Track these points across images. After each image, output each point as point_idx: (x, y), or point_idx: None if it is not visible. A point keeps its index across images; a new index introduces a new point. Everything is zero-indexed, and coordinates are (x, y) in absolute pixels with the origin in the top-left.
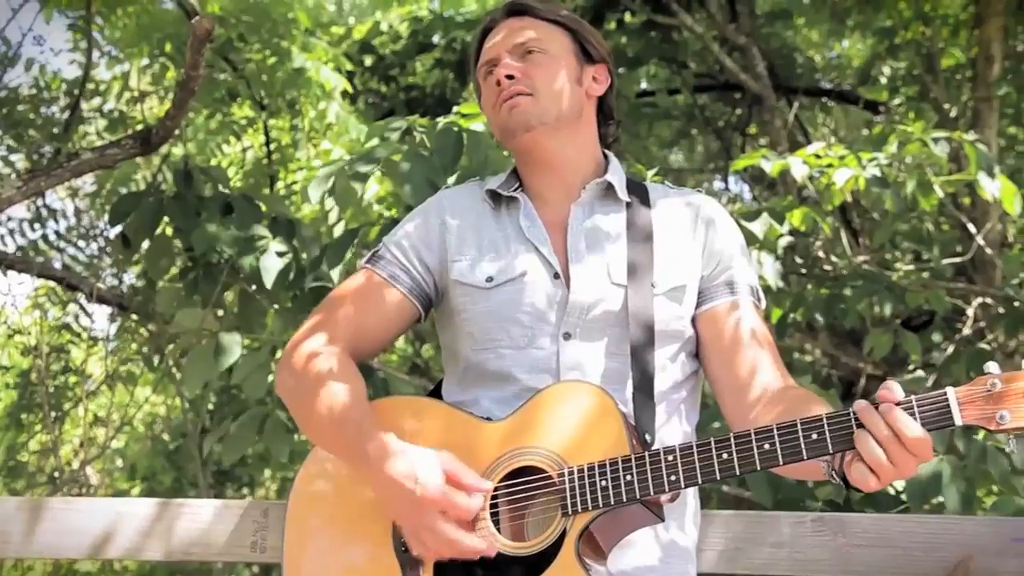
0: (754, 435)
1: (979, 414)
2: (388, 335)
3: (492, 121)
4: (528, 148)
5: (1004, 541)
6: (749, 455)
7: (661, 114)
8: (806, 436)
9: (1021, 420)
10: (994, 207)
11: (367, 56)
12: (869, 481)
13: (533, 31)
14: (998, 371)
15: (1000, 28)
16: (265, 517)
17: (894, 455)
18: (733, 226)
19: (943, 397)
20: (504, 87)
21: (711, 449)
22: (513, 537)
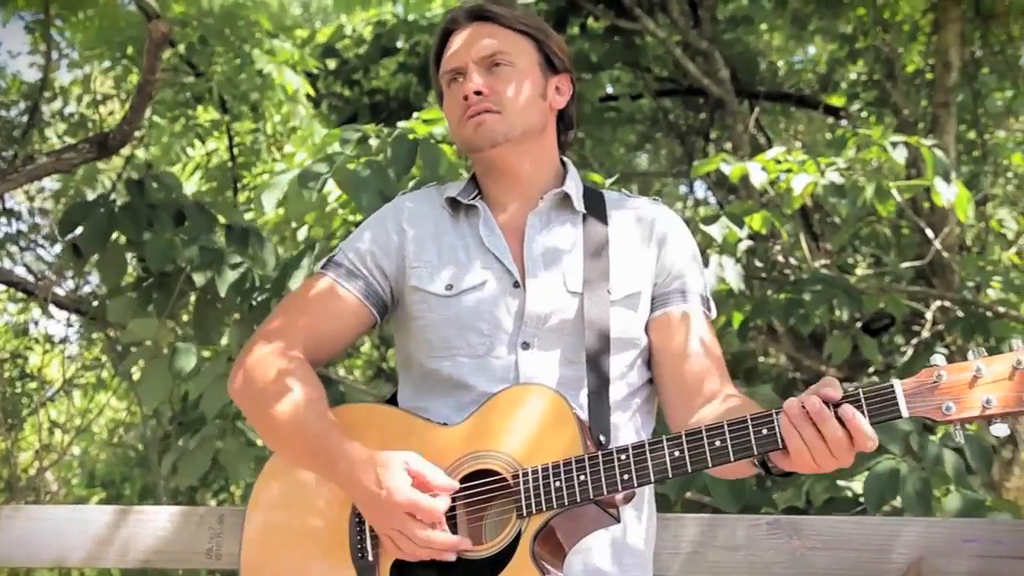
0: (705, 432)
1: (925, 405)
2: (344, 340)
3: (456, 133)
4: (491, 161)
5: (956, 542)
6: (701, 452)
7: (625, 119)
8: (756, 432)
9: (966, 410)
10: (952, 212)
11: (330, 60)
12: (808, 465)
13: (499, 41)
14: (944, 363)
15: (958, 35)
16: (220, 524)
17: (837, 449)
18: (687, 235)
19: (890, 390)
20: (471, 103)
21: (663, 447)
22: (471, 540)
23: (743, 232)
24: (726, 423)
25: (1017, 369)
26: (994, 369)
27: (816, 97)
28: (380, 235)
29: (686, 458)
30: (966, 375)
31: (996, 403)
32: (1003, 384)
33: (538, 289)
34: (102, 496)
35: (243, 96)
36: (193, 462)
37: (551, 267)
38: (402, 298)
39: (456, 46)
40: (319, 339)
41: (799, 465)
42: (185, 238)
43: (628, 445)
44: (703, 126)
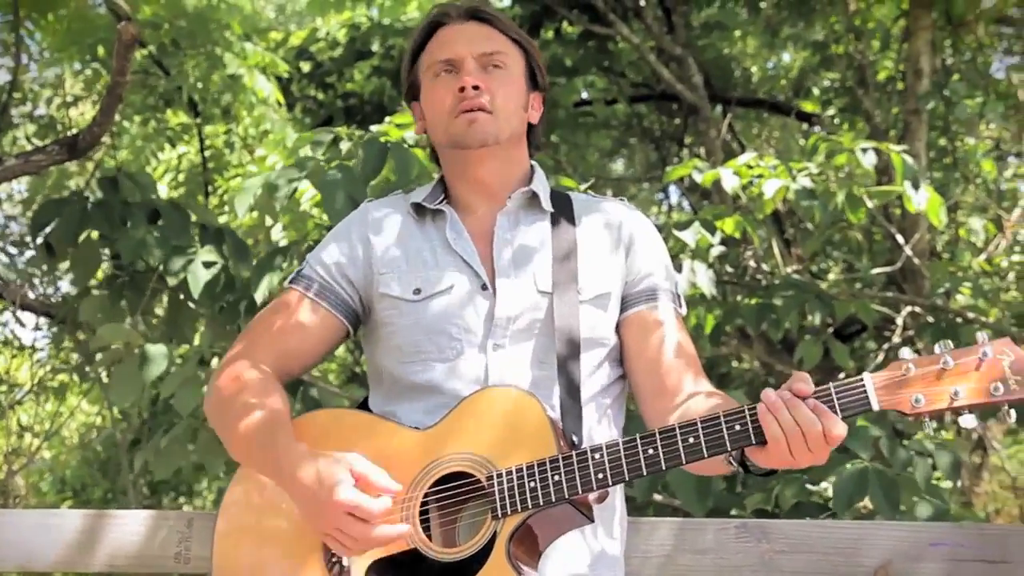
0: (679, 430)
1: (895, 398)
2: (316, 354)
3: (442, 125)
4: (471, 160)
5: (923, 546)
6: (674, 449)
7: (599, 124)
8: (729, 428)
9: (935, 403)
10: (923, 218)
11: (304, 63)
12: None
13: (496, 42)
14: (912, 357)
15: (928, 42)
16: (189, 528)
17: (813, 442)
18: (654, 234)
19: (860, 384)
20: (468, 96)
21: (637, 446)
22: (445, 543)
23: (715, 237)
24: (699, 420)
25: (983, 361)
26: (961, 362)
27: (789, 103)
28: (346, 245)
29: (660, 456)
30: (934, 368)
31: (963, 395)
32: (970, 376)
33: (508, 290)
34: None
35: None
36: (168, 456)
37: (520, 267)
38: (371, 306)
39: (452, 38)
40: (289, 355)
41: (776, 458)
42: (159, 236)
43: (602, 444)
44: (677, 132)
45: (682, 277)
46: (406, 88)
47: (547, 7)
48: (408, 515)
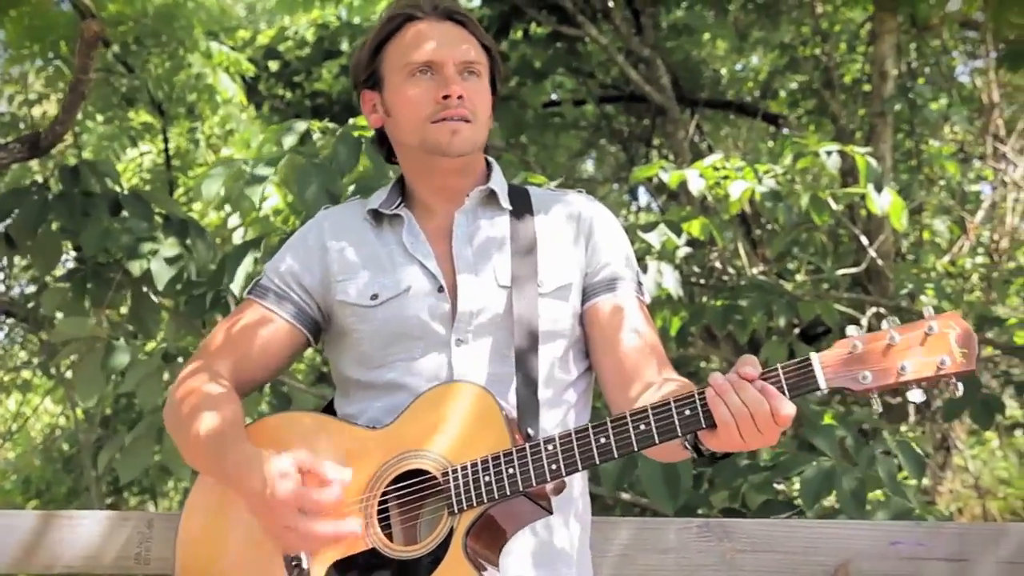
0: (630, 417)
1: (843, 376)
2: (275, 364)
3: (417, 128)
4: (443, 166)
5: (882, 545)
6: (626, 437)
7: (568, 124)
8: (679, 413)
9: (882, 379)
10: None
11: (272, 61)
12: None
13: (474, 50)
14: (859, 334)
15: (894, 46)
16: (150, 528)
17: (762, 422)
18: (614, 223)
19: (807, 362)
20: (453, 105)
21: (589, 435)
22: (406, 541)
23: (681, 239)
24: (650, 406)
25: (929, 335)
26: (907, 337)
27: (756, 105)
28: (302, 254)
29: (612, 444)
30: (880, 344)
31: (910, 369)
32: (916, 351)
33: (468, 285)
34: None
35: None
36: (133, 456)
37: (480, 263)
38: (331, 314)
39: (430, 38)
40: (247, 366)
41: (727, 441)
42: (121, 227)
43: (555, 435)
44: (645, 133)
45: (648, 278)
46: (364, 76)
47: (516, 8)
48: (366, 514)
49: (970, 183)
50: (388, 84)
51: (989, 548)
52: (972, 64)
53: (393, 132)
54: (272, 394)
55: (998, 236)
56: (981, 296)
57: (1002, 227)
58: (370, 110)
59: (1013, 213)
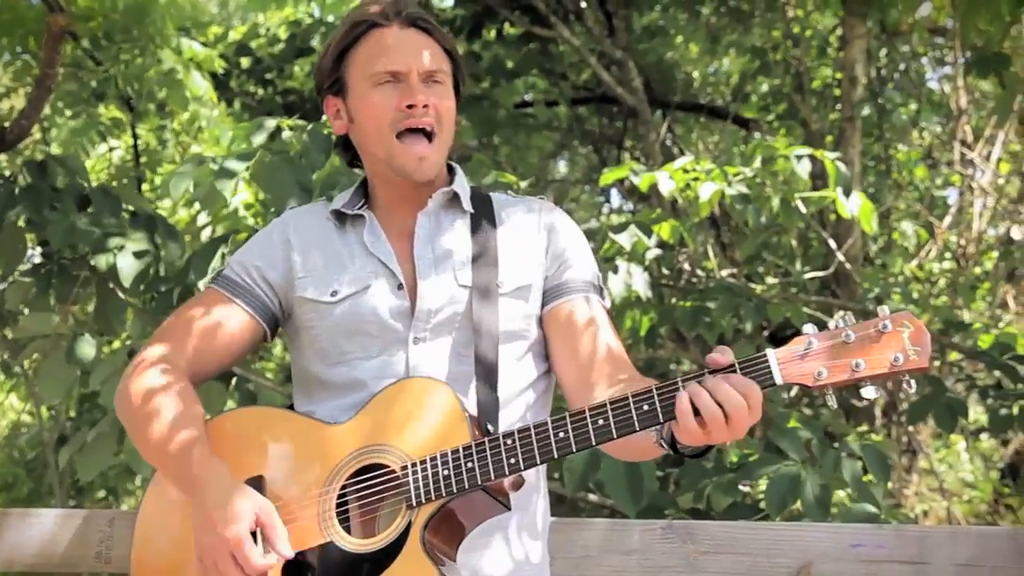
0: (588, 412)
1: (798, 372)
2: (232, 354)
3: (383, 139)
4: (406, 182)
5: (844, 547)
6: (584, 431)
7: (541, 125)
8: (638, 408)
9: (836, 375)
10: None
11: (244, 58)
12: (693, 428)
13: (438, 58)
14: (815, 331)
15: (863, 51)
16: (111, 527)
17: (732, 410)
18: (573, 227)
19: (763, 358)
20: (417, 115)
21: (548, 429)
22: (365, 535)
23: (651, 241)
24: (608, 401)
25: (883, 333)
26: (862, 334)
27: (728, 108)
28: (267, 249)
29: (571, 438)
30: (835, 341)
31: (864, 366)
32: (870, 348)
33: (428, 284)
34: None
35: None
36: (93, 455)
37: (441, 263)
38: (291, 310)
39: (395, 47)
40: (204, 355)
41: (684, 433)
42: (88, 222)
43: (514, 430)
44: (617, 135)
45: (618, 279)
46: (328, 82)
47: (489, 8)
48: (324, 507)
49: (938, 188)
50: (352, 91)
51: (949, 551)
52: (941, 71)
53: (358, 139)
54: (237, 391)
55: (965, 241)
56: (947, 300)
57: (969, 232)
58: (334, 116)
59: (980, 219)
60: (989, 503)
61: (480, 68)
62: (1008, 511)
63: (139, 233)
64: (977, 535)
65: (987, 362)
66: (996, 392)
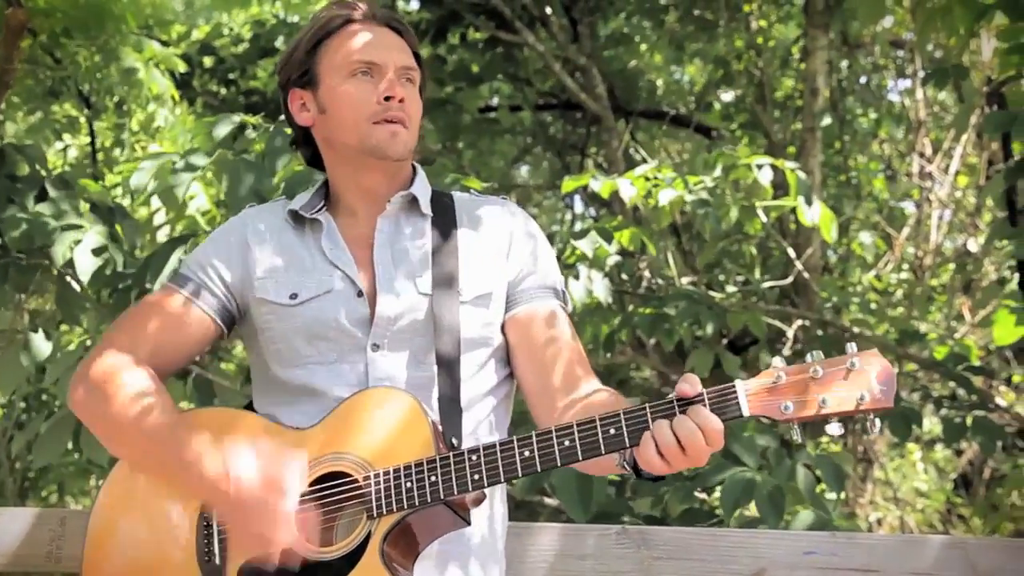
0: (555, 433)
1: (765, 405)
2: (187, 353)
3: (358, 128)
4: (376, 168)
5: (797, 554)
6: (550, 452)
7: (505, 130)
8: (604, 432)
9: (803, 410)
10: (815, 234)
11: (207, 58)
12: (655, 462)
13: (411, 59)
14: (784, 365)
15: (825, 63)
16: (62, 526)
17: (690, 447)
18: (537, 231)
19: (732, 390)
20: (394, 107)
21: (514, 448)
22: (323, 543)
23: (612, 247)
24: (575, 423)
25: (851, 371)
26: (829, 371)
27: (691, 117)
28: (224, 248)
29: (536, 458)
30: (804, 377)
31: (831, 403)
32: (838, 385)
33: (388, 291)
34: None
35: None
36: (47, 445)
37: (401, 270)
38: (248, 311)
39: (372, 42)
40: (160, 352)
41: (647, 463)
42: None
43: (479, 446)
44: (580, 141)
45: (579, 285)
46: (298, 73)
47: (454, 12)
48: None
49: (897, 200)
50: (325, 82)
51: (901, 560)
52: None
53: (327, 130)
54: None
55: (922, 253)
56: (904, 311)
57: (926, 244)
58: (299, 108)
59: (937, 231)
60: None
61: (445, 72)
62: (960, 521)
63: (98, 226)
64: (928, 544)
65: (942, 373)
66: (950, 403)
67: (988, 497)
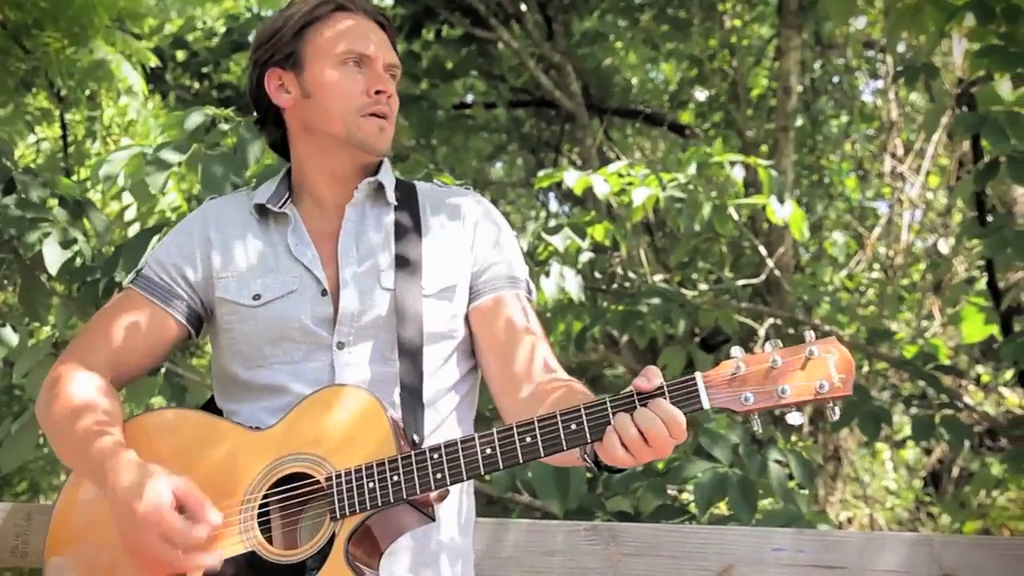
0: (516, 429)
1: (726, 397)
2: (154, 355)
3: (346, 118)
4: (355, 160)
5: (765, 551)
6: (511, 449)
7: (479, 127)
8: (565, 427)
9: (763, 401)
10: (788, 233)
11: (180, 51)
12: (619, 456)
13: (395, 57)
14: (742, 355)
15: (798, 62)
16: (28, 521)
17: (653, 439)
18: (500, 220)
19: (692, 382)
20: (383, 102)
21: (475, 445)
22: (287, 545)
23: (585, 243)
24: (536, 419)
25: (809, 359)
26: (788, 360)
27: (664, 115)
28: (186, 246)
29: (498, 455)
30: (763, 366)
31: (790, 392)
32: (796, 374)
33: (351, 287)
34: None
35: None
36: (16, 447)
37: (364, 266)
38: (212, 309)
39: (365, 34)
40: (124, 357)
41: (611, 457)
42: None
43: (441, 444)
44: (555, 138)
45: (551, 281)
46: (282, 54)
47: (428, 8)
48: (246, 516)
49: (868, 200)
50: (312, 66)
51: (868, 557)
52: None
53: (308, 115)
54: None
55: (893, 253)
56: (875, 311)
57: (897, 244)
58: (277, 88)
59: (908, 231)
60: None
61: (419, 68)
62: (929, 518)
63: (66, 218)
64: (896, 541)
65: (911, 371)
66: (920, 401)
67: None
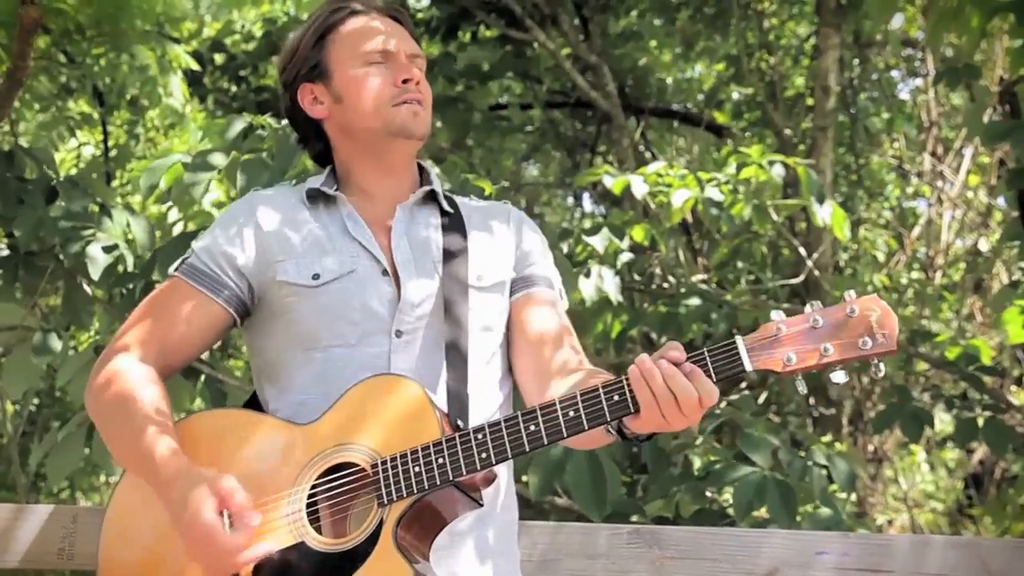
0: (559, 404)
1: (767, 358)
2: (200, 344)
3: (379, 111)
4: (400, 150)
5: (809, 554)
6: (555, 423)
7: (515, 128)
8: (608, 399)
9: (805, 360)
10: (826, 232)
11: (218, 55)
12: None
13: (416, 47)
14: (782, 317)
15: (837, 61)
16: (74, 523)
17: (685, 403)
18: (537, 230)
19: (732, 345)
20: (412, 88)
21: (519, 422)
22: (336, 534)
23: (624, 243)
24: (579, 393)
25: (850, 317)
26: (830, 319)
27: (701, 115)
28: (234, 234)
29: (542, 431)
30: (804, 326)
31: (833, 351)
32: (839, 332)
33: (411, 277)
34: None
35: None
36: (63, 456)
37: (420, 257)
38: (265, 295)
39: (381, 30)
40: (171, 347)
41: (649, 422)
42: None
43: (484, 424)
44: (590, 139)
45: (589, 282)
46: (306, 68)
47: (465, 9)
48: (294, 508)
49: (908, 199)
50: (338, 72)
51: (912, 560)
52: (912, 82)
53: (344, 119)
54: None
55: (933, 252)
56: (915, 311)
57: (937, 243)
58: (311, 102)
59: (948, 230)
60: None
61: (455, 70)
62: (970, 521)
63: (109, 225)
64: (940, 544)
65: (953, 373)
66: (962, 402)
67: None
